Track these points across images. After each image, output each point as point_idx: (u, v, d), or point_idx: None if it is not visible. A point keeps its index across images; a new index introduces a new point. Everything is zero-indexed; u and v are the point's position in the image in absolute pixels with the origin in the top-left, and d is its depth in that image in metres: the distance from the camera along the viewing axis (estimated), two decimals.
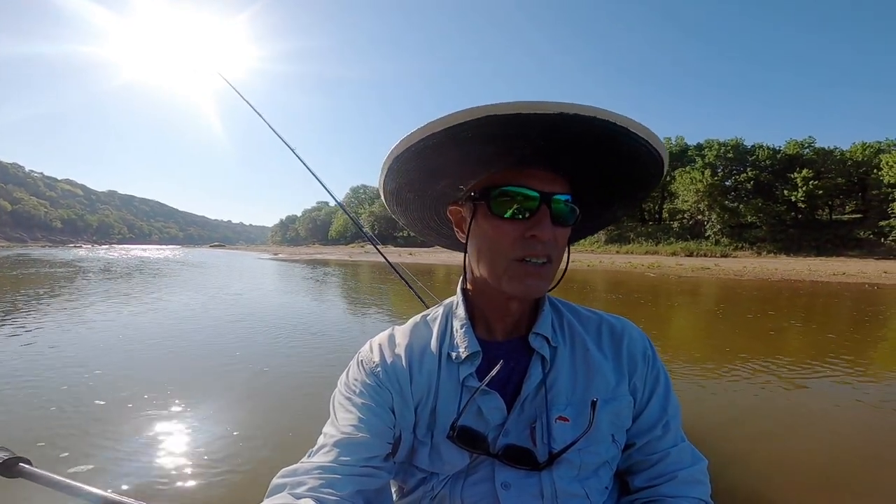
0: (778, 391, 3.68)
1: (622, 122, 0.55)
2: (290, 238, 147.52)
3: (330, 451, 0.63)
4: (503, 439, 0.68)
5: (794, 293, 12.45)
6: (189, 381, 3.74)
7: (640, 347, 0.75)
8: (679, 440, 0.73)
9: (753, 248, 38.71)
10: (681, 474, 0.70)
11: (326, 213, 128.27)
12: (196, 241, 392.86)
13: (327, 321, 6.91)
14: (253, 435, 2.72)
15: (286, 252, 63.64)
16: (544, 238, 0.63)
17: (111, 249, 73.42)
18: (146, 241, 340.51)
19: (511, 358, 0.71)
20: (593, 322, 0.78)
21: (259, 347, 4.96)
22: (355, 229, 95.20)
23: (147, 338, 5.31)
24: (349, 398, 0.71)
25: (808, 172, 39.06)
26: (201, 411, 3.09)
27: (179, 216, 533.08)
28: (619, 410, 0.71)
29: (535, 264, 0.64)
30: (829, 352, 5.05)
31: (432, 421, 0.70)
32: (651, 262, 26.45)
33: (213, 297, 9.51)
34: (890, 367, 4.72)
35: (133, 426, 2.82)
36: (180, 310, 7.68)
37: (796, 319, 7.81)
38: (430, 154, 0.63)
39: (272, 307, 8.42)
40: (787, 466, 2.41)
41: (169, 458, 2.45)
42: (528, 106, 0.52)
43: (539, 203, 0.63)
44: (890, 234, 35.44)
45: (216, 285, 12.56)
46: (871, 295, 12.05)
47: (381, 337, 0.78)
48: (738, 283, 15.40)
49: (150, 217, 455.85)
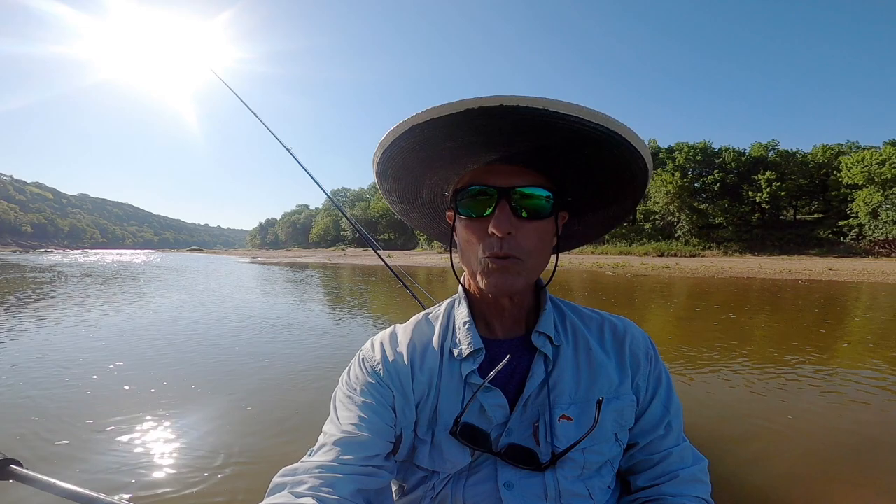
0: (680, 376, 4.23)
1: (539, 103, 0.53)
2: (270, 241, 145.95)
3: (330, 450, 0.63)
4: (506, 438, 0.68)
5: (732, 288, 13.34)
6: (202, 379, 3.96)
7: (642, 347, 0.76)
8: (681, 440, 0.74)
9: (720, 248, 40.21)
10: (682, 474, 0.71)
11: (307, 216, 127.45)
12: (172, 245, 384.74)
13: (328, 322, 7.26)
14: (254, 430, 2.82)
15: (265, 255, 63.19)
16: (501, 233, 0.63)
17: (85, 254, 71.80)
18: (119, 245, 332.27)
19: (513, 356, 0.70)
20: (595, 321, 0.79)
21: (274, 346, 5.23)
22: (336, 232, 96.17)
23: (160, 338, 5.51)
24: (350, 396, 0.71)
25: (772, 174, 40.71)
26: (193, 412, 3.16)
27: (154, 220, 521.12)
28: (622, 409, 0.71)
29: (501, 261, 0.64)
30: (723, 335, 5.73)
31: (434, 419, 0.70)
32: (617, 262, 27.33)
33: (213, 300, 9.59)
34: (763, 346, 5.35)
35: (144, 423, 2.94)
36: (192, 314, 7.73)
37: (713, 308, 8.51)
38: (399, 163, 0.67)
39: (266, 308, 8.64)
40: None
41: (163, 456, 2.46)
42: (472, 101, 0.53)
43: (498, 198, 0.64)
44: (849, 234, 37.24)
45: (208, 288, 12.62)
46: (798, 288, 13.15)
47: (382, 335, 0.78)
48: (686, 280, 16.36)
49: (124, 221, 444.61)
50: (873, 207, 35.51)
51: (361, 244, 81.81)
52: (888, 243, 34.44)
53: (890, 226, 34.31)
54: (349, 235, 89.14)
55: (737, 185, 42.80)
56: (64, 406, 3.22)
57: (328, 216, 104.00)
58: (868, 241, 35.59)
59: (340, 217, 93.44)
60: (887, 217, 34.68)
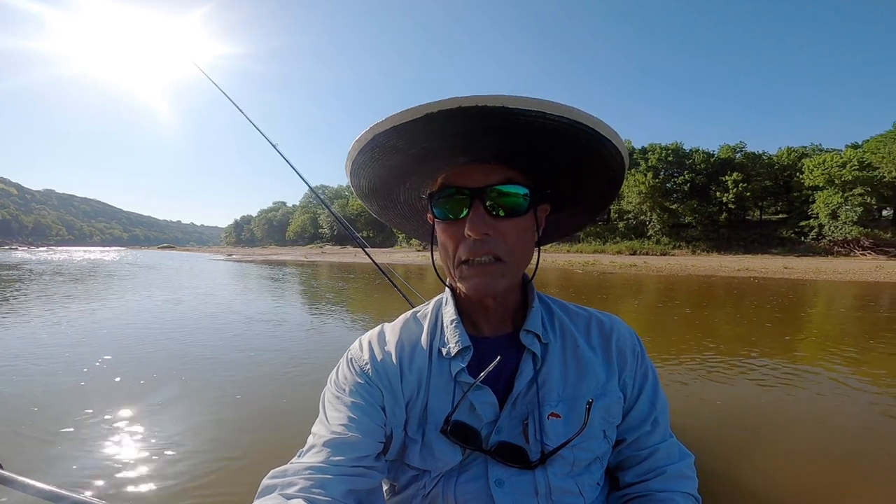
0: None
1: (498, 101, 0.52)
2: (245, 239, 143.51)
3: (320, 451, 0.62)
4: (496, 436, 0.68)
5: (692, 285, 14.07)
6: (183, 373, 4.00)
7: (629, 344, 0.76)
8: (667, 436, 0.75)
9: (690, 247, 41.45)
10: (669, 469, 0.71)
11: (284, 213, 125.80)
12: (142, 242, 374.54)
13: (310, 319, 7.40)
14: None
15: (241, 253, 62.35)
16: (477, 236, 0.62)
17: (51, 251, 69.51)
18: (87, 242, 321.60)
19: (500, 354, 0.70)
20: (583, 318, 0.79)
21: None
22: (314, 230, 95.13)
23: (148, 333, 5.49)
24: (339, 397, 0.70)
25: (738, 176, 42.14)
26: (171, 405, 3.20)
27: (124, 216, 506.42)
28: (609, 406, 0.72)
29: (479, 263, 0.64)
30: (685, 328, 6.16)
31: (424, 417, 0.70)
32: (587, 261, 28.10)
33: (192, 298, 9.43)
34: (698, 337, 5.82)
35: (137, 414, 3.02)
36: (169, 312, 7.67)
37: (673, 303, 9.03)
38: (370, 173, 0.68)
39: (245, 306, 8.56)
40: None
41: (149, 456, 2.44)
42: (433, 105, 0.53)
43: (471, 199, 0.63)
44: (810, 234, 38.92)
45: (183, 285, 12.44)
46: (751, 286, 13.96)
47: (370, 334, 0.78)
48: (651, 278, 17.23)
49: (92, 217, 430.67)
50: (833, 209, 37.13)
51: (340, 241, 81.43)
52: (846, 243, 36.11)
53: (848, 226, 36.02)
54: (327, 233, 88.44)
55: (705, 185, 44.16)
56: (45, 404, 3.22)
57: (306, 213, 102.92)
58: (828, 241, 37.19)
59: (319, 214, 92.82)
60: (846, 218, 36.34)
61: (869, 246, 35.10)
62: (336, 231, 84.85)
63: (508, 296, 0.74)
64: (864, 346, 5.40)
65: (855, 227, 35.74)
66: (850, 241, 36.02)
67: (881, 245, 34.67)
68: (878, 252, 34.19)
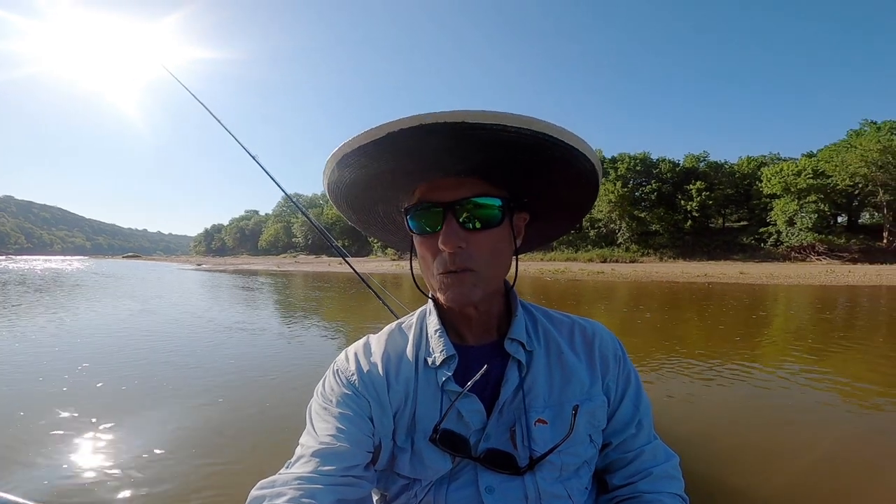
0: None
1: (481, 118, 0.54)
2: (216, 248, 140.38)
3: (308, 461, 0.62)
4: (484, 443, 0.69)
5: (655, 290, 14.72)
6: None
7: (610, 348, 0.78)
8: (652, 438, 0.77)
9: (657, 254, 42.86)
10: (656, 470, 0.73)
11: (256, 223, 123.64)
12: (105, 251, 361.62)
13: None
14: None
15: (211, 262, 61.00)
16: (450, 249, 0.64)
17: (10, 260, 66.53)
18: (47, 251, 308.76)
19: (486, 362, 0.70)
20: (566, 325, 0.80)
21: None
22: (288, 238, 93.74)
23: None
24: (326, 408, 0.70)
25: (701, 184, 43.96)
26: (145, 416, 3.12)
27: (86, 224, 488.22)
28: (594, 411, 0.73)
29: (454, 274, 0.65)
30: (645, 329, 6.59)
31: (412, 427, 0.71)
32: (558, 269, 28.63)
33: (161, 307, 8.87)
34: (642, 335, 6.24)
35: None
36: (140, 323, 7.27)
37: (637, 307, 9.52)
38: (345, 192, 0.70)
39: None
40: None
41: (130, 464, 2.38)
42: (395, 124, 0.54)
43: (444, 214, 0.65)
44: (768, 240, 40.77)
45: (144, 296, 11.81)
46: (705, 290, 14.83)
47: (356, 346, 0.79)
48: (614, 284, 17.97)
49: (52, 225, 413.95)
50: (789, 216, 39.07)
51: (314, 251, 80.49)
52: (803, 249, 37.96)
53: (804, 233, 37.90)
54: (301, 242, 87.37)
55: (671, 194, 45.86)
56: (17, 411, 3.17)
57: (279, 222, 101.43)
58: (785, 248, 39.04)
59: (292, 223, 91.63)
60: (802, 225, 38.27)
61: (824, 251, 36.97)
62: (311, 240, 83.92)
63: (491, 305, 0.74)
64: (797, 342, 5.89)
65: (810, 233, 37.62)
66: (806, 247, 37.84)
67: (835, 250, 36.58)
68: (833, 257, 36.06)
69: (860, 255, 35.44)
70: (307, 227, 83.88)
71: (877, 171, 36.19)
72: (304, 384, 3.90)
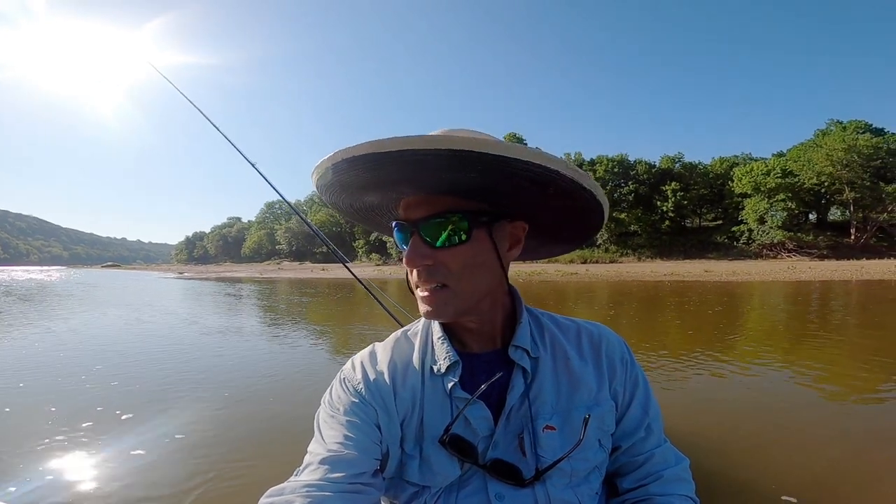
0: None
1: (426, 143, 0.52)
2: (198, 256, 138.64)
3: (317, 468, 0.63)
4: (493, 451, 0.69)
5: (618, 288, 15.63)
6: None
7: (617, 352, 0.78)
8: (662, 441, 0.77)
9: (636, 254, 43.92)
10: (666, 473, 0.73)
11: (239, 230, 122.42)
12: (84, 260, 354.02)
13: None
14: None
15: (192, 271, 60.54)
16: (414, 266, 0.65)
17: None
18: (23, 261, 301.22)
19: (491, 369, 0.71)
20: (572, 330, 0.80)
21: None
22: (271, 246, 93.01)
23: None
24: (333, 416, 0.71)
25: (676, 185, 45.16)
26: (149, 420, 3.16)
27: (63, 233, 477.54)
28: (602, 415, 0.73)
29: (428, 290, 0.66)
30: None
31: (420, 434, 0.70)
32: (534, 270, 29.23)
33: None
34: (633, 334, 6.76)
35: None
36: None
37: (602, 304, 10.10)
38: (337, 198, 0.71)
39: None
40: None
41: (136, 475, 2.36)
42: (345, 151, 0.55)
43: (410, 232, 0.66)
44: (741, 238, 42.09)
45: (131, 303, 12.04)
46: (665, 286, 15.83)
47: (362, 354, 0.79)
48: (586, 284, 18.98)
49: (28, 235, 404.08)
50: (760, 214, 40.42)
51: (299, 257, 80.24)
52: (773, 246, 39.34)
53: (774, 230, 39.25)
54: (285, 249, 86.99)
55: (648, 195, 46.98)
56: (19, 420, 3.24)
57: (262, 229, 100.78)
58: (757, 245, 40.39)
59: (276, 230, 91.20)
60: (772, 223, 39.62)
61: (794, 248, 38.37)
62: (294, 247, 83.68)
63: (492, 314, 0.74)
64: (735, 332, 6.42)
65: (780, 231, 38.98)
66: (777, 245, 39.21)
67: (805, 247, 38.00)
68: (803, 254, 37.46)
69: (828, 252, 36.86)
70: (290, 234, 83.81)
71: (842, 170, 37.65)
72: (310, 384, 4.17)
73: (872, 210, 38.02)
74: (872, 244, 37.15)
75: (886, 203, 36.93)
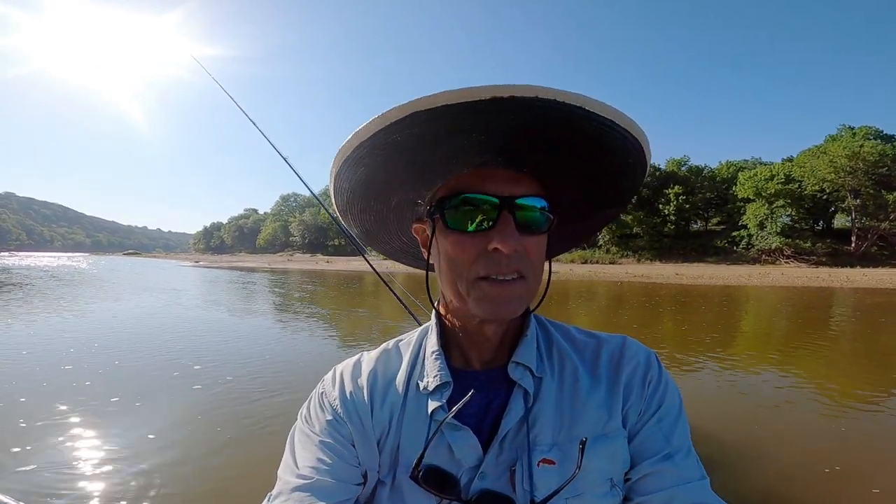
0: None
1: (572, 99, 0.46)
2: (215, 246, 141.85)
3: (288, 499, 0.57)
4: (479, 482, 0.58)
5: (604, 289, 16.69)
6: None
7: (640, 371, 0.64)
8: (692, 477, 0.58)
9: (636, 256, 44.53)
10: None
11: (255, 221, 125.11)
12: (105, 248, 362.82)
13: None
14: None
15: (208, 260, 62.79)
16: (508, 251, 0.55)
17: (14, 256, 67.75)
18: (47, 247, 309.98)
19: (489, 390, 0.62)
20: (589, 346, 0.68)
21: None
22: (285, 237, 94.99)
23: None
24: (308, 436, 0.64)
25: (679, 189, 45.49)
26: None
27: (86, 221, 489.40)
28: (615, 449, 0.60)
29: (503, 282, 0.56)
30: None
31: (395, 459, 0.61)
32: None
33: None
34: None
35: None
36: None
37: (578, 303, 11.26)
38: (369, 166, 0.57)
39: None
40: None
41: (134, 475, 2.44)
42: (456, 95, 0.45)
43: (499, 210, 0.55)
44: (740, 243, 42.39)
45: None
46: (638, 287, 16.47)
47: (345, 364, 0.70)
48: (556, 282, 20.14)
49: (52, 222, 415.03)
50: (760, 219, 40.61)
51: (311, 250, 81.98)
52: (772, 252, 39.60)
53: (773, 236, 39.48)
54: (298, 241, 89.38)
55: (651, 198, 47.41)
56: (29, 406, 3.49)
57: (277, 221, 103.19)
58: (756, 250, 40.64)
59: (290, 222, 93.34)
60: (771, 228, 39.84)
61: (791, 255, 38.60)
62: (307, 239, 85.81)
63: (511, 323, 0.65)
64: (711, 331, 7.39)
65: (778, 237, 39.17)
66: (775, 251, 39.43)
67: (802, 254, 38.24)
68: (800, 260, 37.72)
69: (827, 259, 37.05)
70: (304, 226, 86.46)
71: (846, 177, 37.58)
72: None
73: (875, 218, 37.95)
74: (873, 252, 37.26)
75: (889, 211, 36.86)
